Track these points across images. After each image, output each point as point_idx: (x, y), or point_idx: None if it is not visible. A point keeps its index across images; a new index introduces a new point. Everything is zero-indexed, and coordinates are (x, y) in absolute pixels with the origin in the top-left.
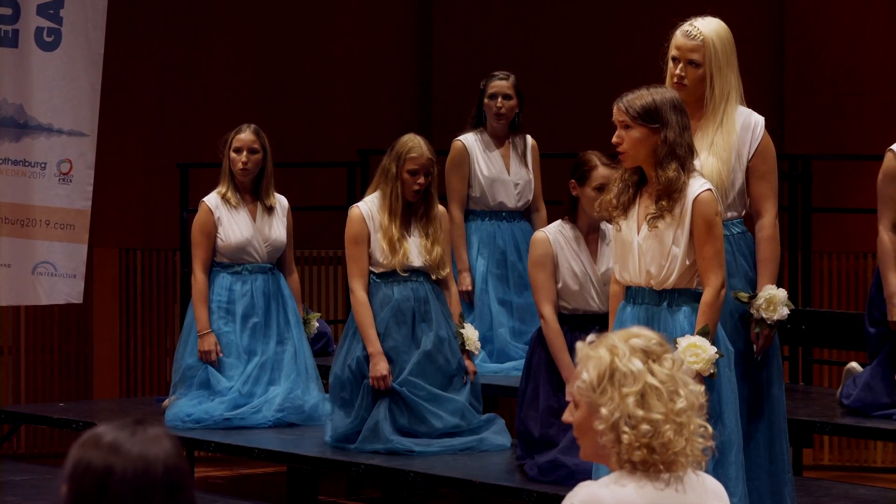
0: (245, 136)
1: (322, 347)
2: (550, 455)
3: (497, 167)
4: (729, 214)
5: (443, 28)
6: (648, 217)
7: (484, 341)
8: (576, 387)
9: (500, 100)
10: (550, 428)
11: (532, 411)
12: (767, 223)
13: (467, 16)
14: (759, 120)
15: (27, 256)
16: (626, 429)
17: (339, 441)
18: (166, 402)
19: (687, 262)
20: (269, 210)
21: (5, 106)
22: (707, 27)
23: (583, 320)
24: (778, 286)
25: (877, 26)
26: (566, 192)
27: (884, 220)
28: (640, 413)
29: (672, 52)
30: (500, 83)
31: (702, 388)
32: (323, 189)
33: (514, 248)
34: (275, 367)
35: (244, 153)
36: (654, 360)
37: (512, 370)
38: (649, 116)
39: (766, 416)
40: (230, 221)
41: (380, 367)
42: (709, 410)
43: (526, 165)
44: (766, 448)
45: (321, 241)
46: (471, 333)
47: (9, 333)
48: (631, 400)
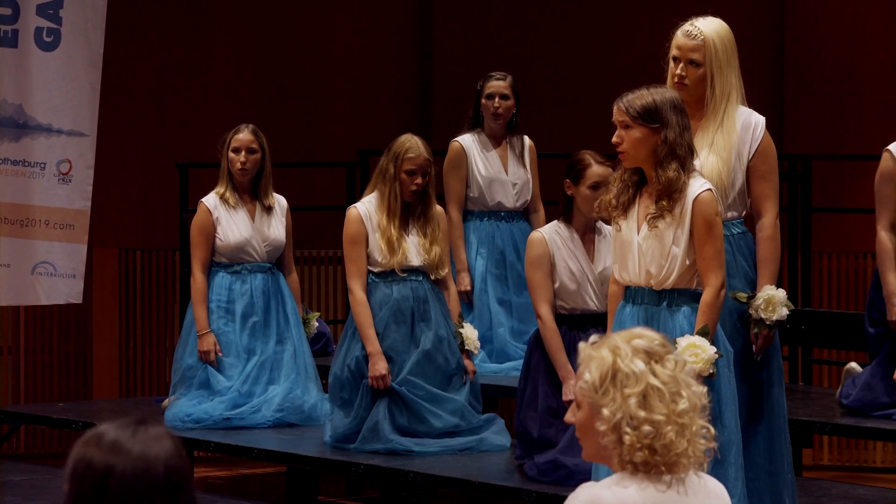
0: (243, 136)
1: (321, 348)
2: (550, 455)
3: (495, 167)
4: (729, 214)
5: (443, 28)
6: (648, 217)
7: (483, 341)
8: (578, 387)
9: (497, 100)
10: (549, 428)
11: (531, 411)
12: (768, 223)
13: (467, 16)
14: (759, 120)
15: (27, 256)
16: (628, 430)
17: (339, 441)
18: (166, 402)
19: (687, 262)
20: (268, 210)
21: (5, 106)
22: (708, 27)
23: (581, 320)
24: (778, 286)
25: (877, 26)
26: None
27: (882, 220)
28: (642, 414)
29: (673, 51)
30: (498, 83)
31: (704, 389)
32: (323, 189)
33: (513, 248)
34: (274, 367)
35: (242, 153)
36: (656, 361)
37: (511, 370)
38: (649, 116)
39: (766, 417)
40: (229, 221)
41: (379, 366)
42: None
43: (524, 165)
44: (766, 449)
45: (321, 241)
46: (470, 333)
47: (8, 333)
48: (633, 401)
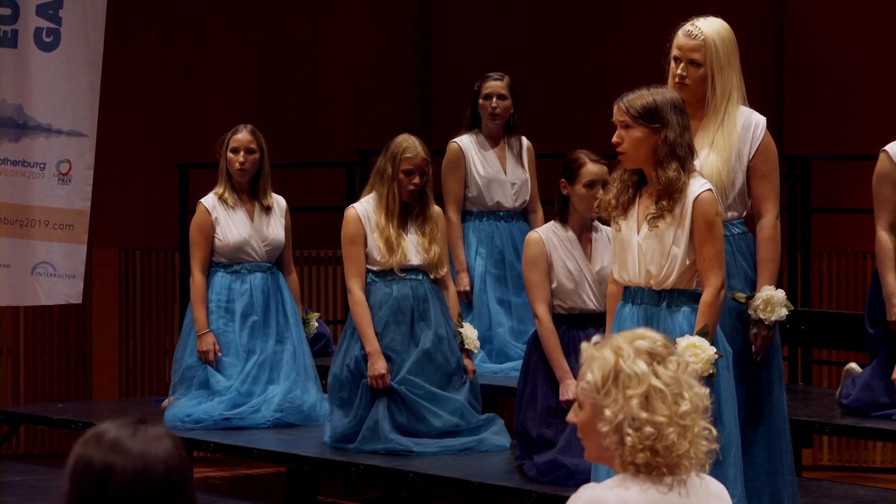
0: (242, 136)
1: (321, 349)
2: (549, 455)
3: (493, 167)
4: (729, 215)
5: (443, 28)
6: (649, 217)
7: (483, 341)
8: (580, 387)
9: (494, 100)
10: (548, 428)
11: (530, 412)
12: (768, 223)
13: (467, 16)
14: (760, 120)
15: (26, 257)
16: (630, 431)
17: (339, 441)
18: (166, 402)
19: (687, 262)
20: (267, 210)
21: (4, 106)
22: (709, 27)
23: (580, 319)
24: (777, 286)
25: (876, 26)
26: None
27: (880, 220)
28: (644, 415)
29: (674, 51)
30: (495, 83)
31: (707, 390)
32: (322, 189)
33: (512, 248)
34: (274, 367)
35: (241, 153)
36: (658, 363)
37: (511, 370)
38: (650, 116)
39: (766, 418)
40: (228, 221)
41: (378, 365)
42: None
43: (522, 165)
44: (766, 449)
45: (321, 241)
46: (470, 332)
47: (8, 334)
48: (635, 402)
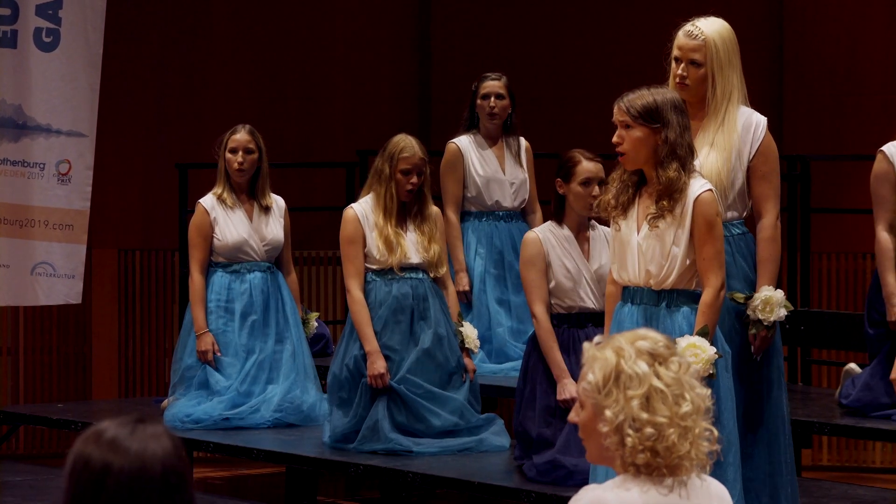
0: (240, 136)
1: (321, 349)
2: (548, 455)
3: (492, 167)
4: (729, 215)
5: (443, 28)
6: (649, 217)
7: (482, 341)
8: (581, 387)
9: (492, 100)
10: (548, 428)
11: (530, 412)
12: (768, 224)
13: (467, 16)
14: (760, 120)
15: (26, 257)
16: (630, 431)
17: (338, 441)
18: (165, 402)
19: (687, 262)
20: (266, 210)
21: (4, 106)
22: (709, 27)
23: (579, 318)
24: (777, 287)
25: (876, 26)
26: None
27: (880, 220)
28: (645, 416)
29: (674, 52)
30: (493, 83)
31: (708, 391)
32: (322, 189)
33: (512, 248)
34: (273, 366)
35: (240, 153)
36: (660, 363)
37: (511, 370)
38: (650, 116)
39: (766, 418)
40: (226, 221)
41: (377, 365)
42: None
43: (521, 165)
44: (766, 450)
45: (320, 241)
46: (470, 331)
47: (7, 334)
48: (636, 403)
